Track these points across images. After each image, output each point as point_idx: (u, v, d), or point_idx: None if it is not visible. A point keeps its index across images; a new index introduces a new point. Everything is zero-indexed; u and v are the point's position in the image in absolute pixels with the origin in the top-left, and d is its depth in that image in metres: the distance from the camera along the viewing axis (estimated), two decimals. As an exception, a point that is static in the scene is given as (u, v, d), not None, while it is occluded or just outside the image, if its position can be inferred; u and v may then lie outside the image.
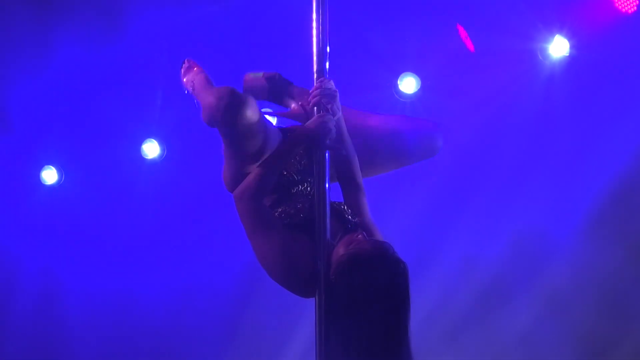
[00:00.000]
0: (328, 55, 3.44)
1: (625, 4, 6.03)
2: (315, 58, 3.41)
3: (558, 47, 6.12)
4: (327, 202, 3.40)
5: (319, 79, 3.55)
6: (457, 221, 6.43)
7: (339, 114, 3.63)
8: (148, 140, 6.74)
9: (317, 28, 3.56)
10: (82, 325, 6.83)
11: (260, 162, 3.57)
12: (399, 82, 6.41)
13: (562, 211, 6.27)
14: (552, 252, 6.29)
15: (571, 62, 6.13)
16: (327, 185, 3.42)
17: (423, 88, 6.40)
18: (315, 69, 3.41)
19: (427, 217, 6.48)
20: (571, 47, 6.11)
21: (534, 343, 6.27)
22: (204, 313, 6.75)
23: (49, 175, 6.84)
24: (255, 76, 3.96)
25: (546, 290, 6.28)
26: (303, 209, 3.60)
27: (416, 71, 6.41)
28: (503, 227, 6.35)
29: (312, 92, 3.58)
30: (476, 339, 6.36)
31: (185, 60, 4.10)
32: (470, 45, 6.27)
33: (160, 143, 6.75)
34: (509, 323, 6.32)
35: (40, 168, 6.84)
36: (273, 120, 3.87)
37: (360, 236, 3.47)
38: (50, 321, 6.88)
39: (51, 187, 6.86)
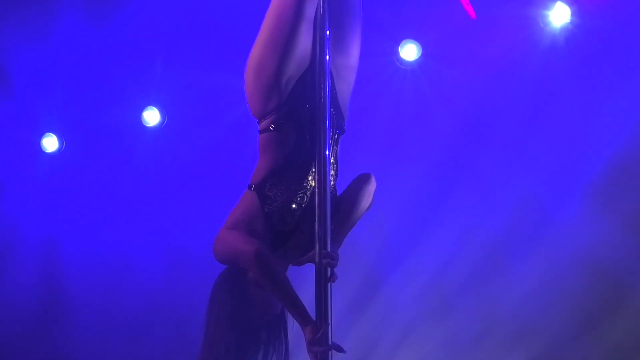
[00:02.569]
0: (327, 24, 3.42)
1: (628, -30, 6.02)
2: (318, 23, 3.39)
3: (559, 14, 6.10)
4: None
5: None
6: (455, 192, 6.41)
7: None
8: (149, 107, 6.74)
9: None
10: (82, 288, 6.86)
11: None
12: (400, 49, 6.40)
13: (560, 183, 6.25)
14: (549, 223, 6.26)
15: (572, 29, 6.11)
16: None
17: (424, 55, 6.39)
18: (318, 36, 3.39)
19: (424, 187, 6.48)
20: (572, 14, 6.09)
21: (527, 314, 6.26)
22: (201, 278, 6.75)
23: (50, 143, 6.85)
24: None
25: (541, 262, 6.25)
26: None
27: (417, 38, 6.40)
28: (500, 198, 6.34)
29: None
30: (470, 309, 6.35)
31: None
32: (471, 12, 6.24)
33: (161, 110, 6.75)
34: (504, 294, 6.30)
35: (41, 135, 6.85)
36: None
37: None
38: (51, 285, 6.91)
39: (52, 154, 6.87)
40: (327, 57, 3.34)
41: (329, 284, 3.37)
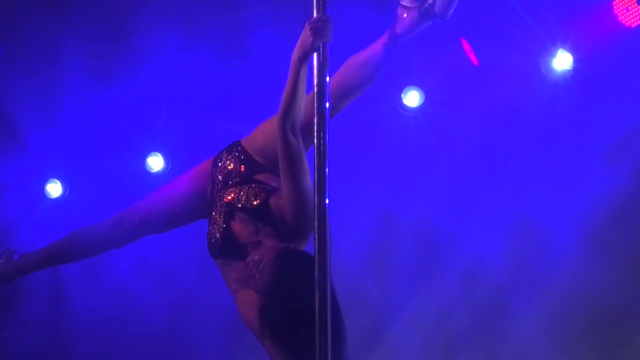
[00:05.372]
0: (327, 72, 3.43)
1: (629, 17, 6.04)
2: (315, 72, 3.40)
3: (561, 61, 6.13)
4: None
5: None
6: (457, 235, 6.42)
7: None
8: (152, 153, 6.75)
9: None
10: (86, 336, 6.85)
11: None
12: (402, 95, 6.42)
13: (563, 226, 6.25)
14: (552, 267, 6.26)
15: (574, 76, 6.13)
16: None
17: (427, 102, 6.41)
18: (315, 82, 3.40)
19: (427, 231, 6.48)
20: (574, 61, 6.11)
21: (532, 359, 6.23)
22: (204, 321, 6.76)
23: (54, 189, 6.87)
24: None
25: (545, 306, 6.24)
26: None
27: (420, 85, 6.42)
28: (503, 243, 6.33)
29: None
30: (475, 355, 6.33)
31: None
32: (474, 59, 6.28)
33: (165, 156, 6.77)
34: (508, 339, 6.28)
35: (45, 181, 6.88)
36: None
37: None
38: (55, 334, 6.90)
39: (56, 200, 6.89)
40: (327, 105, 3.34)
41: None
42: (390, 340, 6.49)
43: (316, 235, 3.24)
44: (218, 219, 3.96)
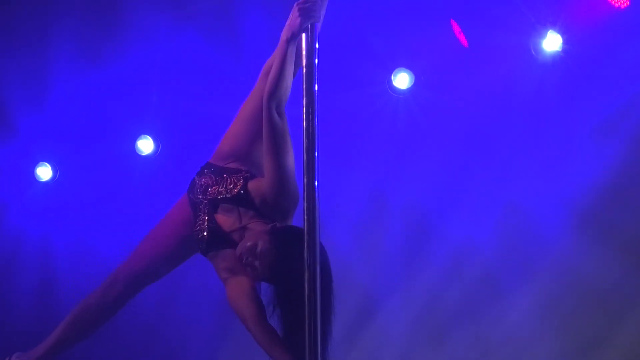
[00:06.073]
0: (317, 52, 3.42)
1: (618, -1, 6.04)
2: (304, 53, 3.39)
3: (551, 43, 6.12)
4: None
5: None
6: (447, 218, 6.41)
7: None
8: (142, 136, 6.75)
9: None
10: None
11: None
12: (392, 77, 6.42)
13: (553, 208, 6.24)
14: (542, 250, 6.24)
15: (564, 57, 6.13)
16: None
17: (417, 83, 6.41)
18: (304, 64, 3.39)
19: (417, 214, 6.48)
20: (564, 42, 6.11)
21: (522, 341, 6.22)
22: (196, 308, 6.76)
23: (44, 172, 6.86)
24: None
25: (535, 289, 6.22)
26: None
27: (410, 67, 6.41)
28: (494, 223, 6.33)
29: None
30: (465, 337, 6.32)
31: None
32: (463, 41, 6.28)
33: (155, 139, 6.76)
34: (498, 321, 6.28)
35: (35, 164, 6.86)
36: None
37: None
38: (46, 316, 6.89)
39: (46, 183, 6.88)
40: (316, 87, 3.34)
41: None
42: (380, 323, 6.49)
43: (305, 217, 3.24)
44: (203, 216, 3.99)
